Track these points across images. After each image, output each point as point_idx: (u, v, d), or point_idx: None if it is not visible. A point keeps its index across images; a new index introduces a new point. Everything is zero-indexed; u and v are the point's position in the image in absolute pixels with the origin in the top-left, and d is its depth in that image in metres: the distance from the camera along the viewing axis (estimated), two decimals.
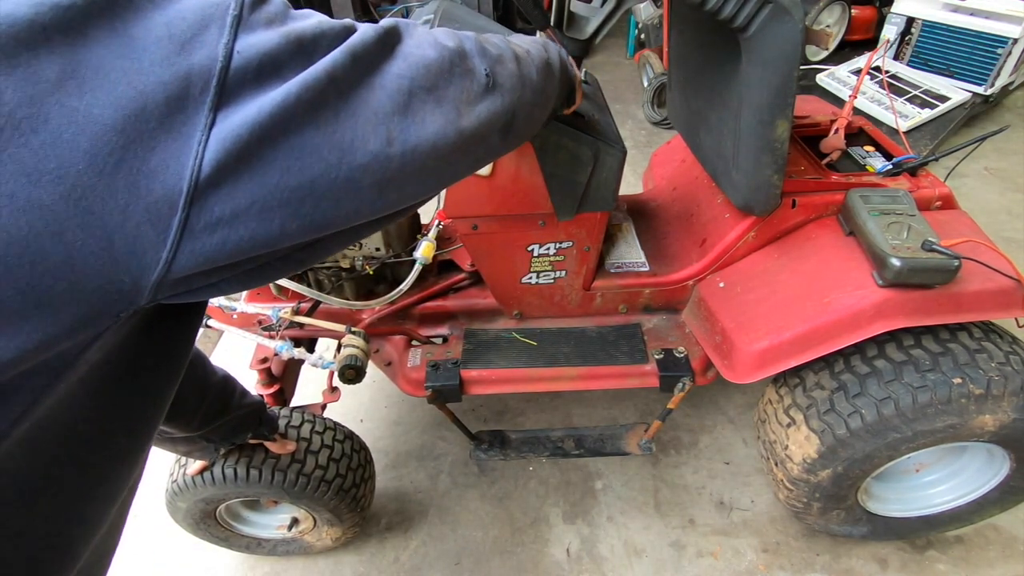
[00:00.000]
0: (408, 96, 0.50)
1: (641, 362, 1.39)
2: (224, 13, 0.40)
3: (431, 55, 0.54)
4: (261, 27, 0.42)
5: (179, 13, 0.38)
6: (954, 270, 1.07)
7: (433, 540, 1.60)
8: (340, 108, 0.45)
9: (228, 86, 0.39)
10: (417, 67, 0.52)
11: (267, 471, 1.22)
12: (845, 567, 1.49)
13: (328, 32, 0.46)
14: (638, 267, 1.48)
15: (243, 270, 0.45)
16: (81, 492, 0.48)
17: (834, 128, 1.45)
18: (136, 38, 0.37)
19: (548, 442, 1.56)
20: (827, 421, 1.19)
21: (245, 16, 0.41)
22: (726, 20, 0.97)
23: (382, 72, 0.49)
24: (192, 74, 0.37)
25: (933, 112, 2.98)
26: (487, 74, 0.60)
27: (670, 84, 1.54)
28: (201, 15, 0.39)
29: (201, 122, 0.38)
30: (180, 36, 0.38)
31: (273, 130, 0.40)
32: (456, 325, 1.52)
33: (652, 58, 3.50)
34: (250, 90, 0.40)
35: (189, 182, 0.37)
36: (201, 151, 0.37)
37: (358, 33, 0.48)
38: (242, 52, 0.40)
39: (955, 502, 1.39)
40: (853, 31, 3.74)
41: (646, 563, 1.53)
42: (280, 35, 0.42)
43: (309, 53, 0.44)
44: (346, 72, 0.45)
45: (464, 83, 0.57)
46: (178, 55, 0.37)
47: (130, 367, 0.47)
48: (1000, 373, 1.10)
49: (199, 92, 0.38)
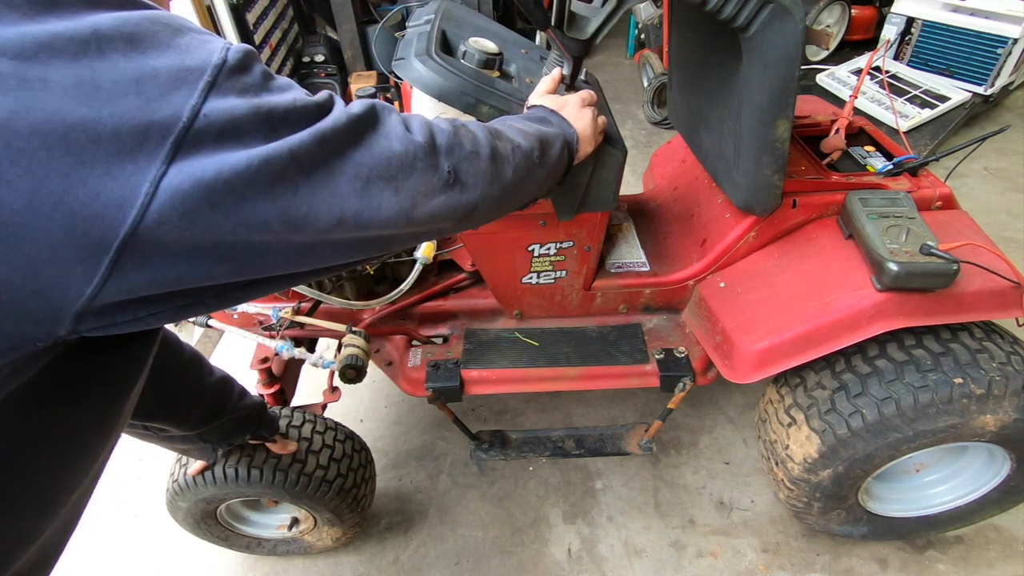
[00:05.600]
0: (366, 183, 0.51)
1: (642, 362, 1.39)
2: (199, 78, 0.40)
3: (396, 148, 0.55)
4: (233, 94, 0.42)
5: (153, 71, 0.39)
6: (952, 274, 1.07)
7: (433, 540, 1.60)
8: (300, 184, 0.45)
9: (186, 142, 0.39)
10: (380, 158, 0.53)
11: (268, 471, 1.21)
12: (845, 567, 1.49)
13: (300, 109, 0.47)
14: (638, 267, 1.48)
15: (174, 306, 0.45)
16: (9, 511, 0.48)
17: (834, 128, 1.45)
18: (101, 88, 0.36)
19: (548, 442, 1.56)
20: (828, 421, 1.19)
21: (220, 82, 0.41)
22: (727, 20, 0.97)
23: (345, 158, 0.50)
24: (152, 127, 0.38)
25: (933, 112, 2.98)
26: (449, 171, 0.62)
27: (670, 84, 1.54)
28: (175, 76, 0.39)
29: (152, 172, 0.38)
30: (148, 93, 0.38)
31: (225, 194, 0.40)
32: (456, 325, 1.52)
33: (652, 58, 3.50)
34: (208, 149, 0.40)
35: (128, 227, 0.37)
36: (147, 200, 0.37)
37: (331, 117, 0.49)
38: (208, 115, 0.40)
39: (955, 502, 1.39)
40: (853, 31, 3.74)
41: (646, 563, 1.52)
42: (250, 105, 0.42)
43: (275, 127, 0.44)
44: (310, 153, 0.46)
45: (424, 177, 0.59)
46: (141, 110, 0.37)
47: (59, 394, 0.47)
48: (1001, 373, 1.10)
49: (155, 144, 0.38)
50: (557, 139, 0.86)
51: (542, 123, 0.88)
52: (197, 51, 0.41)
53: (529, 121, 0.87)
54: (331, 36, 3.62)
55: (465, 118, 1.08)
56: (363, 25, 3.43)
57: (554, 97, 0.97)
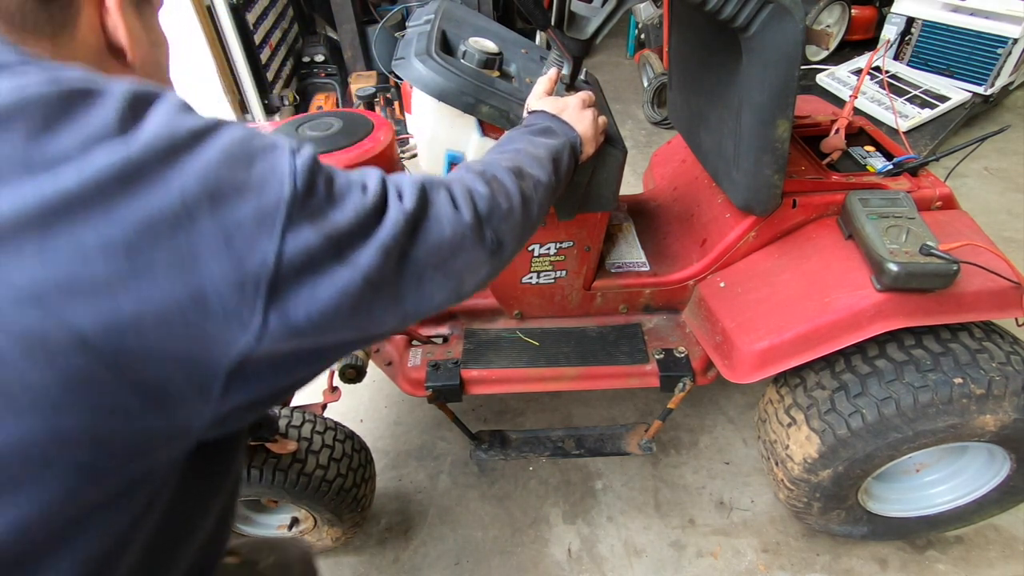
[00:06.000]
0: (420, 278, 0.55)
1: (642, 362, 1.39)
2: (276, 219, 0.43)
3: (447, 234, 0.57)
4: (306, 224, 0.44)
5: (237, 224, 0.41)
6: (952, 275, 1.06)
7: (433, 540, 1.60)
8: (373, 304, 0.50)
9: (274, 287, 0.42)
10: (432, 248, 0.55)
11: (268, 471, 1.21)
12: (845, 567, 1.49)
13: (363, 220, 0.48)
14: (638, 267, 1.48)
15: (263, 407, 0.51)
16: None
17: (834, 128, 1.45)
18: (199, 257, 0.39)
19: (548, 442, 1.56)
20: (828, 421, 1.19)
21: (293, 216, 0.43)
22: (727, 20, 0.97)
23: (405, 261, 0.53)
24: (246, 281, 0.41)
25: (933, 112, 2.97)
26: (492, 239, 0.64)
27: (670, 84, 1.54)
28: (256, 222, 0.42)
29: (253, 323, 0.41)
30: (237, 248, 0.40)
31: (312, 329, 0.45)
32: (456, 325, 1.52)
33: (652, 58, 3.50)
34: (293, 289, 0.43)
35: (234, 365, 0.41)
36: (251, 345, 0.41)
37: (389, 221, 0.51)
38: (288, 255, 0.43)
39: (955, 502, 1.39)
40: (853, 31, 3.74)
41: (646, 563, 1.52)
42: (322, 235, 0.45)
43: (343, 248, 0.47)
44: (379, 270, 0.49)
45: (472, 254, 0.61)
46: (235, 268, 0.40)
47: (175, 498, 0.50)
48: (1001, 373, 1.10)
49: (251, 297, 0.41)
50: (564, 149, 0.86)
51: (548, 135, 0.87)
52: (270, 184, 0.43)
53: (537, 137, 0.86)
54: (331, 36, 3.62)
55: (465, 118, 1.09)
56: (363, 25, 3.43)
57: (554, 99, 0.97)
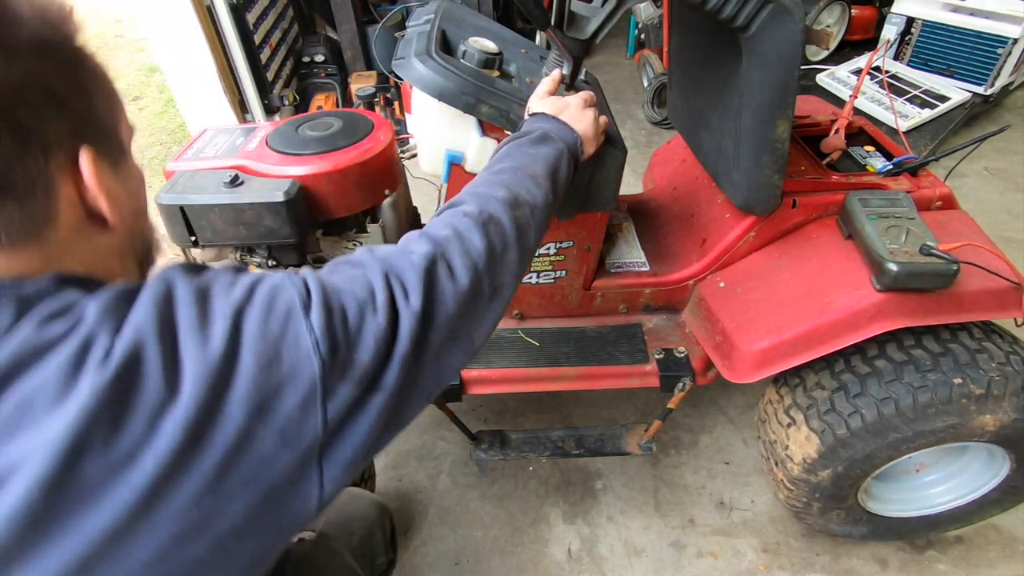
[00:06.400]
0: (437, 358, 0.58)
1: (641, 362, 1.39)
2: (315, 397, 0.47)
3: (452, 310, 0.59)
4: (340, 384, 0.48)
5: (286, 420, 0.45)
6: (952, 275, 1.06)
7: (433, 540, 1.60)
8: (400, 410, 0.55)
9: (326, 447, 0.48)
10: (442, 329, 0.58)
11: None
12: (845, 567, 1.49)
13: (382, 349, 0.52)
14: (638, 267, 1.48)
15: None
16: None
17: (834, 128, 1.45)
18: (265, 459, 0.44)
19: (548, 442, 1.56)
20: (827, 421, 1.19)
21: (329, 386, 0.47)
22: (726, 20, 0.97)
23: (422, 351, 0.56)
24: (305, 457, 0.47)
25: (933, 112, 2.97)
26: (489, 288, 0.65)
27: (670, 84, 1.54)
28: (301, 409, 0.46)
29: (314, 480, 0.48)
30: (291, 439, 0.46)
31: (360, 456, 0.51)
32: None
33: (652, 58, 3.49)
34: (340, 438, 0.49)
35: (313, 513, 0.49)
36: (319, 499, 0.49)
37: (403, 334, 0.53)
38: (331, 418, 0.48)
39: (955, 502, 1.39)
40: (853, 31, 3.73)
41: (646, 563, 1.52)
42: (353, 383, 0.49)
43: (369, 381, 0.51)
44: (400, 383, 0.53)
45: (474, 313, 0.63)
46: (294, 455, 0.46)
47: None
48: (1000, 373, 1.10)
49: (310, 465, 0.47)
50: (562, 158, 0.85)
51: (546, 143, 0.86)
52: (301, 369, 0.46)
53: (534, 148, 0.84)
54: (331, 36, 3.62)
55: (465, 118, 1.09)
56: (363, 25, 3.42)
57: (555, 100, 0.97)
